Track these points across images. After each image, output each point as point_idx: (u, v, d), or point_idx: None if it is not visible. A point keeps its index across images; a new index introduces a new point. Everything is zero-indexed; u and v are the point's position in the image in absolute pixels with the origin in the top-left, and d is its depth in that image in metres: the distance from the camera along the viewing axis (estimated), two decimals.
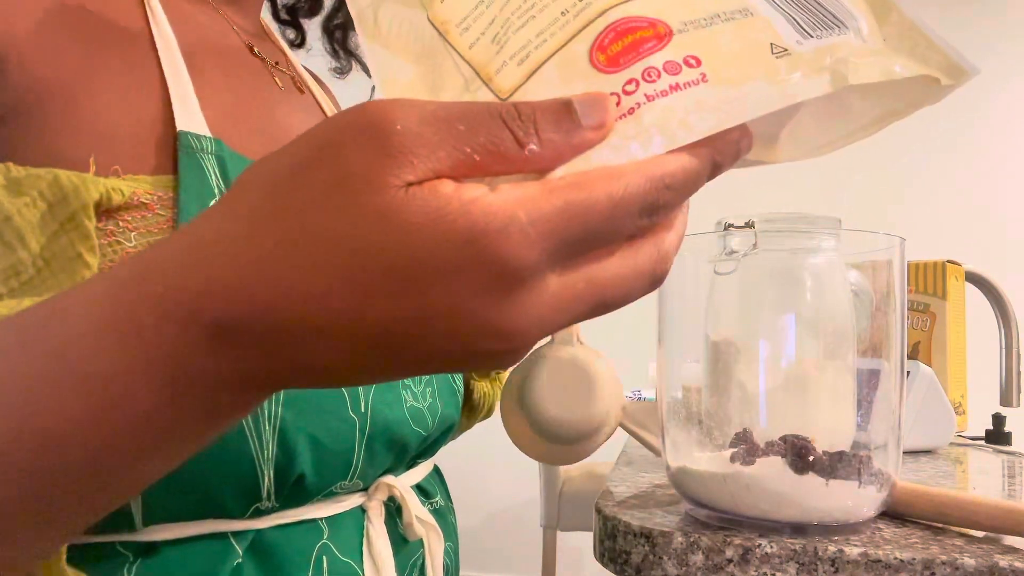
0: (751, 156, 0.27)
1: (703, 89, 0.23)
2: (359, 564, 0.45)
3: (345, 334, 0.22)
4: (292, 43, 0.67)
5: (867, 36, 0.26)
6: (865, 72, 0.24)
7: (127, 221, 0.39)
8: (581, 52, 0.24)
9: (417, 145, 0.21)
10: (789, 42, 0.25)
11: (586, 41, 0.24)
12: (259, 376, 0.24)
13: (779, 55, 0.24)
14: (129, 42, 0.44)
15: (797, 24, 0.25)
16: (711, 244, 0.48)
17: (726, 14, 0.25)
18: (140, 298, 0.24)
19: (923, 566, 0.39)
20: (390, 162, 0.21)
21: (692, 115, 0.23)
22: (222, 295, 0.23)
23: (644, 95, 0.23)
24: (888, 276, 0.46)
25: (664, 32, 0.24)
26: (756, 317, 0.48)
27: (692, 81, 0.23)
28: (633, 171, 0.22)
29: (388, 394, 0.48)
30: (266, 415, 0.40)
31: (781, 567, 0.41)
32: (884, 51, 0.26)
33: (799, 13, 0.26)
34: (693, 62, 0.24)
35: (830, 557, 0.40)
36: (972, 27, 3.36)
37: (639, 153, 0.23)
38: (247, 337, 0.23)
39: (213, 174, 0.42)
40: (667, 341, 0.51)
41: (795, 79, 0.24)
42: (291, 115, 0.55)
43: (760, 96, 0.23)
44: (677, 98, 0.23)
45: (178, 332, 0.23)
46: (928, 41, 0.26)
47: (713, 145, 0.24)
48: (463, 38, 0.26)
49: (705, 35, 0.24)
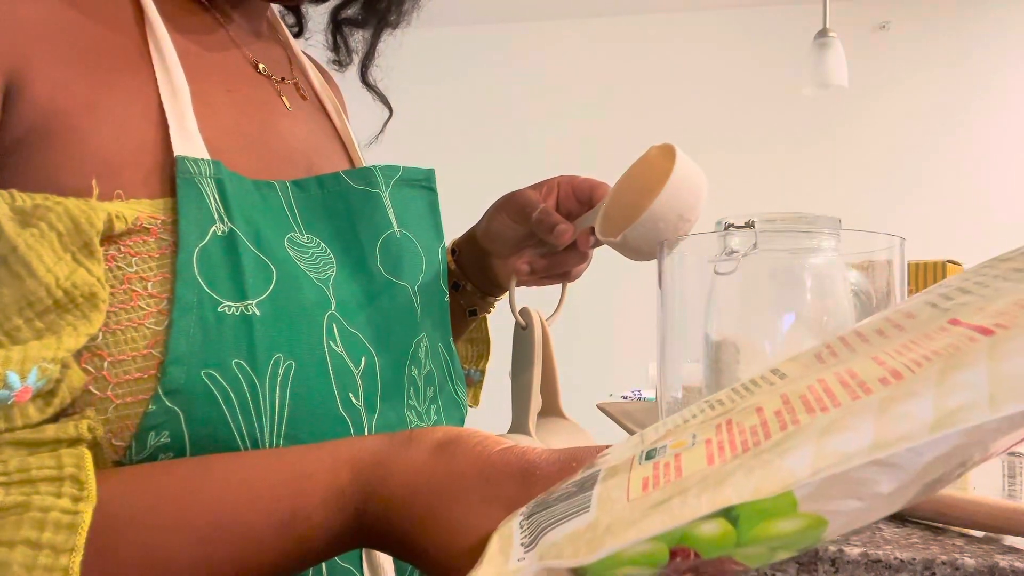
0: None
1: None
2: (358, 569, 0.45)
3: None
4: (290, 28, 0.67)
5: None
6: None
7: (129, 247, 0.39)
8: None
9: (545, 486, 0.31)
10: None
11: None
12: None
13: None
14: (130, 65, 0.44)
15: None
16: (711, 244, 0.48)
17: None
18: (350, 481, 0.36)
19: (923, 566, 0.39)
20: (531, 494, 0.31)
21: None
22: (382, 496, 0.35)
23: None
24: (888, 276, 0.46)
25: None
26: (756, 317, 0.48)
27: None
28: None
29: (391, 416, 0.48)
30: (270, 445, 0.40)
31: (781, 567, 0.41)
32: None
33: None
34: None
35: (830, 557, 0.40)
36: (973, 26, 3.36)
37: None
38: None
39: (212, 198, 0.42)
40: (667, 341, 0.51)
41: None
42: (295, 128, 0.54)
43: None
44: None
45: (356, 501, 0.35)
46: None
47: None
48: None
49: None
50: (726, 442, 0.25)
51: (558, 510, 0.27)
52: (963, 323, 0.23)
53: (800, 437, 0.22)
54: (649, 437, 0.28)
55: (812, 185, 3.45)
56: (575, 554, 0.25)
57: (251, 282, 0.41)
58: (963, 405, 0.20)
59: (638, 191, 0.58)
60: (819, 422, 0.23)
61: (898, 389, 0.22)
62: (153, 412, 0.37)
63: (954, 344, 0.22)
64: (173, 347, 0.38)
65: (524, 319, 0.67)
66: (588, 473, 0.28)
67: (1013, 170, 3.31)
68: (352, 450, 0.36)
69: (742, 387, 0.28)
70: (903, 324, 0.26)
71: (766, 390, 0.27)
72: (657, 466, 0.26)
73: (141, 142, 0.42)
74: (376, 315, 0.50)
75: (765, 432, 0.24)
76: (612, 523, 0.25)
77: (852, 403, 0.23)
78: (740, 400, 0.27)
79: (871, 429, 0.21)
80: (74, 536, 0.31)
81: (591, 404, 1.72)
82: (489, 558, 0.28)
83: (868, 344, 0.26)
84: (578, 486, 0.28)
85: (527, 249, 0.64)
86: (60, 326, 0.35)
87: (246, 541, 0.34)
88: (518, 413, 0.66)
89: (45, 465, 0.33)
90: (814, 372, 0.26)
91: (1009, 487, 0.68)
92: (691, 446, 0.25)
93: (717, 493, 0.23)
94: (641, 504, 0.24)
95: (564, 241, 0.59)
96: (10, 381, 0.33)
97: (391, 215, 0.54)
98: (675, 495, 0.24)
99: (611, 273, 1.62)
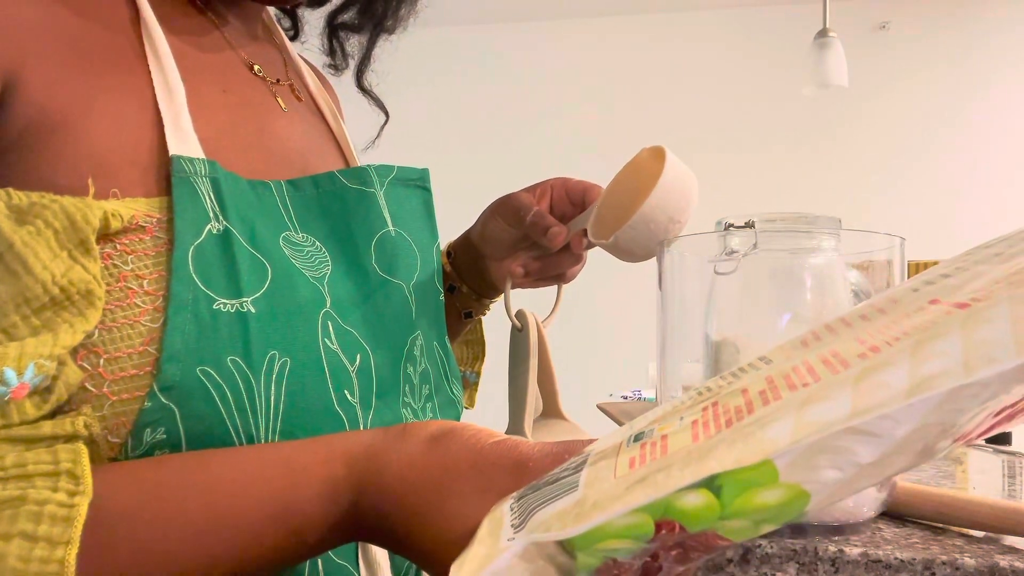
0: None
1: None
2: (355, 566, 0.45)
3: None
4: (286, 31, 0.67)
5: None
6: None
7: (125, 245, 0.39)
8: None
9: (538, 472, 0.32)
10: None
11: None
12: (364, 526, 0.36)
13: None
14: (125, 65, 0.44)
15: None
16: (711, 244, 0.48)
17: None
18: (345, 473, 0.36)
19: (923, 566, 0.39)
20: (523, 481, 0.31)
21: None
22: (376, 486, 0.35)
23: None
24: (888, 276, 0.46)
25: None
26: (756, 317, 0.48)
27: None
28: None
29: (387, 413, 0.48)
30: (265, 441, 0.40)
31: (781, 567, 0.41)
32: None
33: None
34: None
35: (830, 557, 0.40)
36: (973, 26, 3.37)
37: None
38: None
39: (207, 196, 0.42)
40: (667, 341, 0.51)
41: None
42: (290, 128, 0.54)
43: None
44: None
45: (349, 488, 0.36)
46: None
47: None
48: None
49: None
50: (711, 420, 0.25)
51: (547, 492, 0.28)
52: (942, 302, 0.24)
53: (782, 411, 0.23)
54: (638, 424, 0.29)
55: (812, 185, 3.45)
56: (562, 527, 0.25)
57: (246, 280, 0.41)
58: (938, 372, 0.20)
59: (629, 193, 0.58)
60: (799, 395, 0.23)
61: (875, 360, 0.22)
62: (149, 409, 0.37)
63: (932, 320, 0.23)
64: (169, 344, 0.38)
65: (520, 321, 0.67)
66: (578, 459, 0.29)
67: (1013, 170, 3.31)
68: (346, 443, 0.37)
69: (730, 374, 0.29)
70: (886, 308, 0.27)
71: (752, 375, 0.27)
72: (644, 446, 0.26)
73: (136, 141, 0.42)
74: (371, 313, 0.50)
75: (749, 409, 0.24)
76: (599, 499, 0.25)
77: (832, 377, 0.23)
78: (727, 385, 0.27)
79: (849, 398, 0.22)
80: (70, 529, 0.31)
81: (591, 404, 1.72)
82: (479, 540, 0.28)
83: (851, 328, 0.27)
84: (567, 470, 0.28)
85: (521, 251, 0.64)
86: (56, 323, 0.35)
87: (241, 534, 0.35)
88: (514, 415, 0.66)
89: (42, 460, 0.33)
90: (799, 355, 0.26)
91: (1009, 487, 0.68)
92: (678, 428, 0.26)
93: (701, 465, 0.23)
94: (627, 480, 0.25)
95: (558, 244, 0.60)
96: (7, 377, 0.33)
97: (386, 214, 0.55)
98: (660, 470, 0.24)
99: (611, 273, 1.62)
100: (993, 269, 0.24)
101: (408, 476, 0.34)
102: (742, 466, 0.22)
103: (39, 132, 0.39)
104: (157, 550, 0.34)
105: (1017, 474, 0.76)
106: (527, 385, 0.65)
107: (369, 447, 0.36)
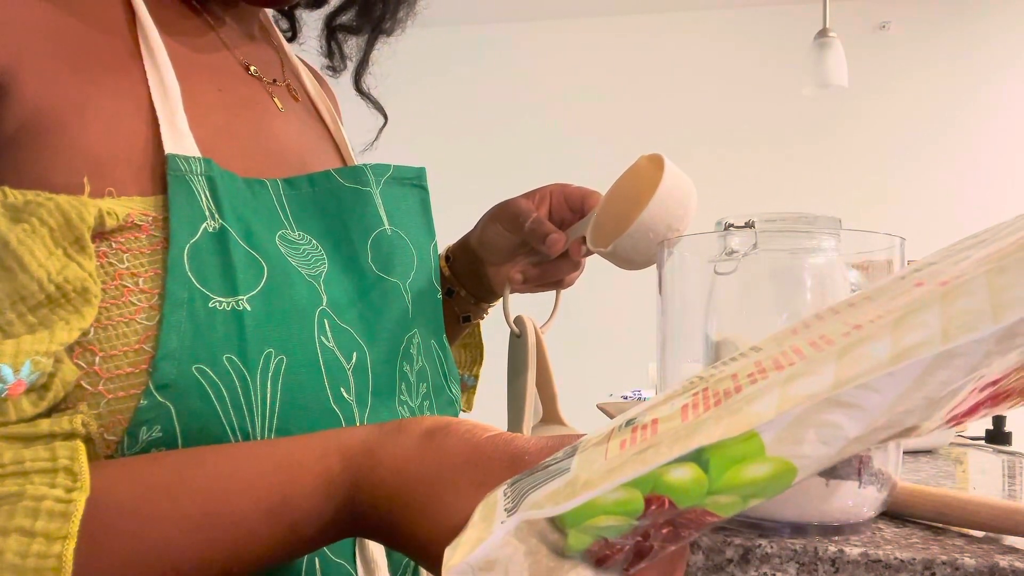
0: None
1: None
2: (352, 565, 0.45)
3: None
4: (284, 33, 0.67)
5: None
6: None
7: (120, 243, 0.39)
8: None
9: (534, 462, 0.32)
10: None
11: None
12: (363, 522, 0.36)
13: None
14: (121, 65, 0.44)
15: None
16: (711, 244, 0.48)
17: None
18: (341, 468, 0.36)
19: (923, 566, 0.39)
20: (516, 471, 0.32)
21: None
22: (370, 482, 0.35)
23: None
24: (888, 276, 0.46)
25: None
26: (756, 317, 0.48)
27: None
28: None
29: (383, 411, 0.48)
30: (261, 439, 0.40)
31: (781, 567, 0.41)
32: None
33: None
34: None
35: (830, 557, 0.40)
36: (973, 26, 3.37)
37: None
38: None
39: (203, 195, 0.42)
40: (667, 341, 0.51)
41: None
42: (287, 128, 0.54)
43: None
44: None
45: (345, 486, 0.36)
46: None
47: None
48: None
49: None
50: (700, 402, 0.25)
51: (540, 476, 0.28)
52: (927, 283, 0.24)
53: (768, 387, 0.23)
54: (631, 413, 0.29)
55: (812, 185, 3.45)
56: (555, 505, 0.25)
57: (242, 278, 0.41)
58: (918, 341, 0.21)
59: (628, 201, 0.58)
60: (786, 372, 0.24)
61: (858, 335, 0.23)
62: (144, 407, 0.37)
63: (915, 298, 0.23)
64: (164, 342, 0.38)
65: (518, 327, 0.67)
66: (571, 448, 0.29)
67: (1013, 170, 3.31)
68: (342, 439, 0.37)
69: (722, 363, 0.29)
70: (873, 296, 0.27)
71: (742, 362, 0.28)
72: (636, 430, 0.26)
73: (132, 140, 0.42)
74: (367, 311, 0.50)
75: (737, 390, 0.25)
76: (590, 477, 0.25)
77: (817, 354, 0.24)
78: (718, 373, 0.28)
79: (832, 371, 0.22)
80: (67, 524, 0.31)
81: (591, 404, 1.72)
82: (472, 525, 0.28)
83: (839, 315, 0.27)
84: (560, 458, 0.28)
85: (520, 257, 0.64)
86: (52, 320, 0.35)
87: (238, 529, 0.35)
88: (513, 420, 0.66)
89: (39, 457, 0.33)
90: (788, 341, 0.27)
91: (1009, 487, 0.68)
92: (669, 412, 0.26)
93: (689, 440, 0.24)
94: (617, 459, 0.25)
95: (556, 250, 0.60)
96: (3, 374, 0.34)
97: (382, 213, 0.55)
98: (649, 447, 0.24)
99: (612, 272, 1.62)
100: (976, 253, 0.25)
101: (404, 470, 0.34)
102: (728, 437, 0.23)
103: (35, 131, 0.39)
104: (154, 545, 0.34)
105: (1017, 474, 0.76)
106: (526, 390, 0.65)
107: (365, 442, 0.36)
